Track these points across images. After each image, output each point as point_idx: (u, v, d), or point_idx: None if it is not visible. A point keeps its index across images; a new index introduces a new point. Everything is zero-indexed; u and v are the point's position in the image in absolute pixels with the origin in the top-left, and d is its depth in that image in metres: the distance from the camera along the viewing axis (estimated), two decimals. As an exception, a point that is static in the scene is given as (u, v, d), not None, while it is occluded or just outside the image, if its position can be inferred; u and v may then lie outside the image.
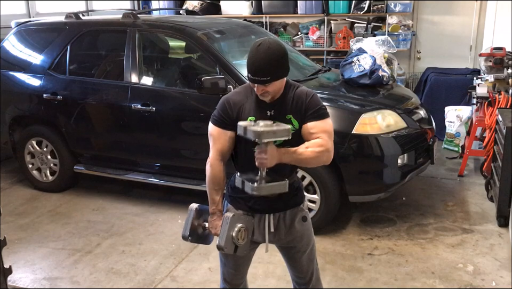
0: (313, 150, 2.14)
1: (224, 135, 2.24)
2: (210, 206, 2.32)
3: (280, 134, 2.02)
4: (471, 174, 5.36)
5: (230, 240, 2.18)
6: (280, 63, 2.12)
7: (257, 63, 2.08)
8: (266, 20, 7.68)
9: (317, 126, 2.19)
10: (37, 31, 5.22)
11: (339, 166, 3.83)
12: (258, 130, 1.98)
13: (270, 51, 2.08)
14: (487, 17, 6.69)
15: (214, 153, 2.28)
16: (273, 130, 2.01)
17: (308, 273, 2.47)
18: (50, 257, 3.85)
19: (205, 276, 3.53)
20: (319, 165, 2.24)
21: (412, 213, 4.41)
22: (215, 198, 2.30)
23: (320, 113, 2.22)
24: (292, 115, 2.20)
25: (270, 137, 2.01)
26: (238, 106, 2.22)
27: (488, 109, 4.94)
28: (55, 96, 4.79)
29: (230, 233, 2.18)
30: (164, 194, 4.91)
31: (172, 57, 5.10)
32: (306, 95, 2.23)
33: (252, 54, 2.10)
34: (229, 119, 2.22)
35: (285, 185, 2.13)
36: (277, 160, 2.09)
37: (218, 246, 2.20)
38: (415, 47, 7.44)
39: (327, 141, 2.18)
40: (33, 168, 5.13)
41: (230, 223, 2.18)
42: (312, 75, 4.66)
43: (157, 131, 4.46)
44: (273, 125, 2.04)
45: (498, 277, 3.42)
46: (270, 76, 2.09)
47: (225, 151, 2.27)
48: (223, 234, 2.18)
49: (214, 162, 2.28)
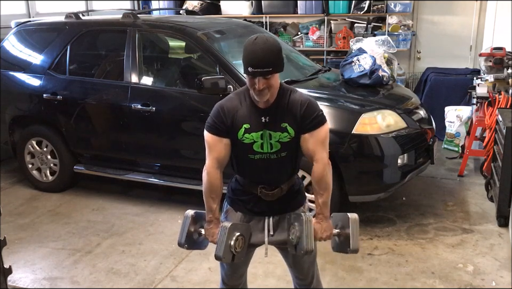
0: (326, 180, 2.22)
1: (219, 143, 2.21)
2: (207, 213, 2.29)
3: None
4: (471, 174, 5.36)
5: (228, 249, 2.15)
6: (279, 55, 2.10)
7: (257, 54, 2.04)
8: (266, 20, 7.68)
9: (313, 137, 2.18)
10: (37, 31, 5.23)
11: (339, 166, 3.83)
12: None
13: (268, 43, 2.06)
14: (487, 17, 6.69)
15: (210, 161, 2.24)
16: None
17: (309, 274, 2.48)
18: (50, 257, 3.84)
19: (205, 276, 3.53)
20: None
21: (412, 213, 4.41)
22: (212, 206, 2.27)
23: (316, 122, 2.18)
24: (288, 124, 2.17)
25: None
26: (233, 113, 2.18)
27: (488, 109, 4.94)
28: (55, 96, 4.79)
29: (228, 242, 2.15)
30: (164, 194, 4.90)
31: (171, 57, 5.09)
32: (301, 104, 2.18)
33: (250, 47, 2.07)
34: (224, 126, 2.18)
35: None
36: (328, 231, 2.25)
37: (217, 256, 2.17)
38: (415, 47, 7.43)
39: (322, 158, 2.20)
40: (33, 168, 5.13)
41: (227, 233, 2.15)
42: (312, 75, 4.66)
43: (157, 131, 4.46)
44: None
45: (498, 277, 3.42)
46: (272, 67, 2.05)
47: (221, 158, 2.23)
48: (221, 244, 2.15)
49: (210, 170, 2.24)
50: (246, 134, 2.17)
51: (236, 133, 2.18)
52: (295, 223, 2.17)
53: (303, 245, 2.12)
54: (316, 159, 2.20)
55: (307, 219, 2.13)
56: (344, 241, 2.27)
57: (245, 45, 2.09)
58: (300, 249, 2.14)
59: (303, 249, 2.12)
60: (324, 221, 2.24)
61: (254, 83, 2.08)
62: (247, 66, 2.07)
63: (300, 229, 2.13)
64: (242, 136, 2.18)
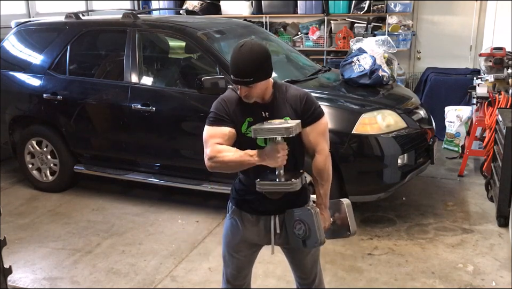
0: (328, 174, 2.27)
1: (221, 131, 2.16)
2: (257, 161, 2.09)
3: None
4: (471, 174, 5.36)
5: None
6: (263, 64, 2.11)
7: (240, 64, 2.07)
8: (266, 20, 7.68)
9: (314, 130, 2.22)
10: (37, 31, 5.23)
11: (339, 166, 3.83)
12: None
13: (252, 52, 2.07)
14: (487, 17, 6.69)
15: (212, 146, 2.14)
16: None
17: (312, 274, 2.47)
18: (50, 257, 3.85)
19: (205, 276, 3.53)
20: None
21: (412, 213, 4.41)
22: (250, 159, 2.09)
23: (316, 115, 2.23)
24: (289, 118, 2.18)
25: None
26: (234, 106, 2.20)
27: (488, 109, 4.94)
28: (55, 96, 4.79)
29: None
30: (164, 194, 4.90)
31: (171, 57, 5.10)
32: (301, 97, 2.21)
33: (235, 55, 2.10)
34: (227, 116, 2.19)
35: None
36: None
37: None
38: (415, 47, 7.44)
39: (324, 149, 2.25)
40: (33, 168, 5.13)
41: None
42: (312, 75, 4.66)
43: (157, 131, 4.46)
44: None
45: (498, 276, 3.42)
46: (253, 77, 2.07)
47: (224, 144, 2.15)
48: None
49: (214, 148, 2.12)
50: (250, 128, 2.17)
51: (240, 126, 2.19)
52: (302, 218, 2.19)
53: (316, 237, 2.15)
54: (318, 150, 2.25)
55: (315, 212, 2.19)
56: (341, 226, 2.35)
57: (232, 50, 2.13)
58: (312, 243, 2.17)
59: (317, 241, 2.16)
60: (325, 211, 2.33)
61: (238, 88, 2.15)
62: (230, 73, 2.14)
63: (310, 222, 2.16)
64: (246, 130, 2.19)
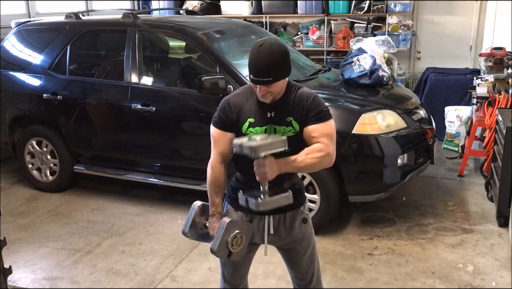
0: (313, 156, 2.12)
1: (224, 137, 2.24)
2: (211, 207, 2.33)
3: (276, 146, 2.02)
4: (471, 174, 5.36)
5: (224, 245, 2.16)
6: (282, 63, 2.10)
7: (259, 64, 2.06)
8: (266, 20, 7.68)
9: (318, 129, 2.17)
10: (37, 31, 5.22)
11: (339, 166, 3.82)
12: (254, 145, 1.96)
13: (271, 51, 2.06)
14: (487, 17, 6.69)
15: (215, 156, 2.28)
16: (269, 142, 2.00)
17: (308, 274, 2.46)
18: (50, 257, 3.85)
19: (205, 276, 3.53)
20: (321, 168, 2.22)
21: (412, 213, 4.41)
22: (215, 200, 2.31)
23: (322, 115, 2.19)
24: (293, 118, 2.18)
25: (266, 149, 2.00)
26: (238, 108, 2.21)
27: (488, 109, 4.94)
28: (55, 96, 4.79)
29: (224, 238, 2.15)
30: (164, 194, 4.91)
31: (171, 57, 5.09)
32: (308, 97, 2.20)
33: (254, 54, 2.08)
34: (229, 120, 2.21)
35: (289, 196, 2.12)
36: (277, 171, 2.08)
37: (211, 250, 2.20)
38: (415, 47, 7.43)
39: (328, 145, 2.15)
40: (33, 168, 5.13)
41: (225, 228, 2.15)
42: (312, 75, 4.66)
43: (157, 131, 4.46)
44: (268, 138, 2.03)
45: (498, 276, 3.42)
46: (273, 77, 2.07)
47: (226, 153, 2.26)
48: (217, 238, 2.16)
49: (214, 165, 2.28)
50: (250, 128, 2.18)
51: (241, 127, 2.20)
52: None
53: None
54: (320, 142, 2.15)
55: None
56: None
57: (251, 49, 2.11)
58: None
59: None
60: (282, 164, 2.09)
61: (256, 87, 2.13)
62: (249, 72, 2.11)
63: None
64: (246, 130, 2.19)
